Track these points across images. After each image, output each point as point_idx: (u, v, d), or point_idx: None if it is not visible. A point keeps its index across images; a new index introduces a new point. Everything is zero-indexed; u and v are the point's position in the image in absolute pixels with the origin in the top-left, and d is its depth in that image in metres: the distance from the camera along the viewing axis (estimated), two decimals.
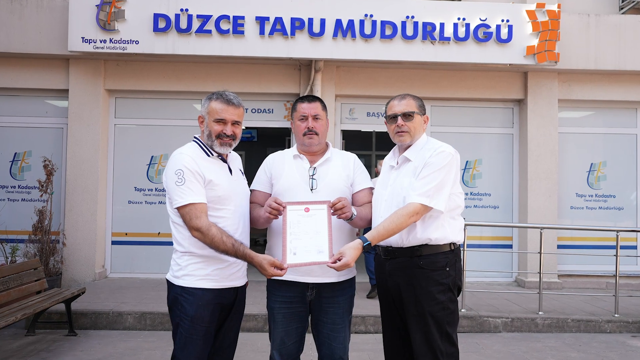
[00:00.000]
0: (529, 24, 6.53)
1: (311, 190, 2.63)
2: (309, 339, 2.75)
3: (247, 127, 9.33)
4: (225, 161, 2.58)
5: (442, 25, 6.45)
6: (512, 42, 6.52)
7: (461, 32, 6.47)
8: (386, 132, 2.80)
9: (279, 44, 6.39)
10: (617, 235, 5.70)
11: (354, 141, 9.04)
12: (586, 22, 6.99)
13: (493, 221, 7.23)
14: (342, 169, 2.73)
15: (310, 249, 2.41)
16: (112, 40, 6.31)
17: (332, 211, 2.47)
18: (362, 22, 6.40)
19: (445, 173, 2.50)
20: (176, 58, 6.74)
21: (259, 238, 9.18)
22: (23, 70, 6.87)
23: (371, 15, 6.40)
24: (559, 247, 7.14)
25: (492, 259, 7.23)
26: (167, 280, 2.52)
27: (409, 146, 2.66)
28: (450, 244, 2.56)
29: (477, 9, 6.50)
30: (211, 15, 6.32)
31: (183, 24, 6.32)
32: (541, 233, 5.72)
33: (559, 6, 6.57)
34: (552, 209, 7.07)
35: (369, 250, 2.42)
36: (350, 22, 6.38)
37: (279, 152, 2.86)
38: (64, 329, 5.08)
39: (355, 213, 2.56)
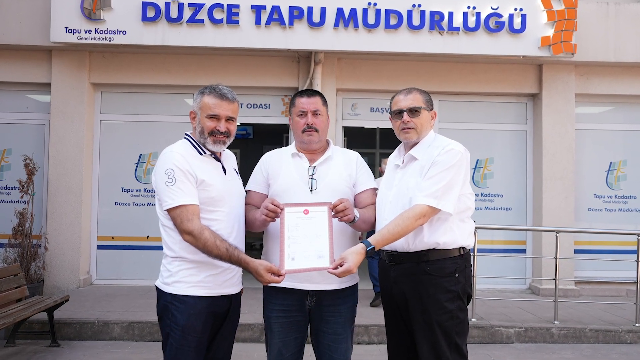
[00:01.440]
0: (544, 13, 6.53)
1: (311, 190, 2.63)
2: (309, 350, 2.75)
3: (242, 124, 9.32)
4: (218, 160, 2.58)
5: (450, 14, 6.45)
6: (526, 33, 6.51)
7: (471, 21, 6.47)
8: (391, 128, 2.80)
9: (276, 35, 6.39)
10: (638, 239, 5.70)
11: (356, 138, 9.03)
12: (605, 11, 6.99)
13: (505, 224, 7.23)
14: (344, 168, 2.73)
15: (309, 254, 2.41)
16: (98, 31, 6.31)
17: (333, 213, 2.47)
18: (365, 11, 6.40)
19: (454, 172, 2.50)
20: (166, 49, 6.74)
21: (255, 242, 9.17)
22: (2, 63, 6.86)
23: (375, 4, 6.41)
24: (576, 251, 7.14)
25: (504, 265, 7.23)
26: (157, 288, 2.52)
27: (416, 144, 2.66)
28: (459, 248, 2.56)
29: None
30: (204, 4, 6.32)
31: (174, 13, 6.32)
32: (557, 237, 5.72)
33: None
34: (569, 211, 7.07)
35: (372, 255, 2.42)
36: (353, 11, 6.38)
37: (276, 150, 2.86)
38: (46, 339, 5.08)
39: (358, 215, 2.55)
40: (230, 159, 2.69)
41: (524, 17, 6.50)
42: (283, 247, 2.41)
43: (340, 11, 6.38)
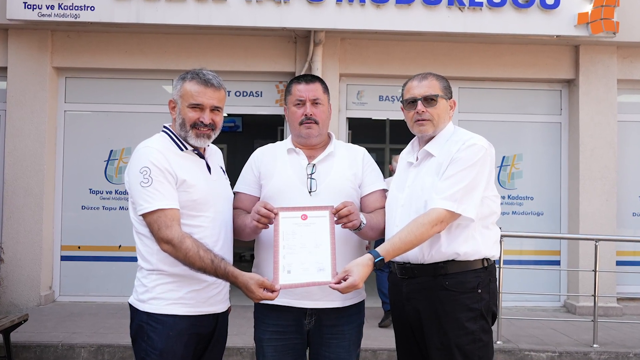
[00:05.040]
0: None
1: (309, 192, 2.64)
2: None
3: (229, 114, 9.33)
4: (202, 157, 2.59)
5: None
6: (560, 8, 6.51)
7: None
8: (403, 120, 2.80)
9: (269, 11, 6.39)
10: None
11: (362, 132, 9.04)
12: None
13: (536, 231, 7.23)
14: (348, 167, 2.74)
15: (308, 266, 2.41)
16: (62, 6, 6.30)
17: (335, 219, 2.48)
18: None
19: (476, 171, 2.50)
20: (141, 28, 6.74)
21: (245, 252, 9.18)
22: None
23: None
24: (619, 263, 7.14)
25: (535, 279, 7.22)
26: (130, 305, 2.52)
27: (432, 138, 2.67)
28: (482, 259, 2.56)
29: None
30: None
31: None
32: (596, 246, 5.71)
33: None
34: (610, 216, 7.07)
35: (381, 267, 2.42)
36: None
37: (270, 146, 2.88)
38: None
39: (365, 221, 2.56)
40: (215, 155, 2.70)
41: None
42: (277, 258, 2.41)
43: None
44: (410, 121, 2.69)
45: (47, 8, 6.31)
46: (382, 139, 11.63)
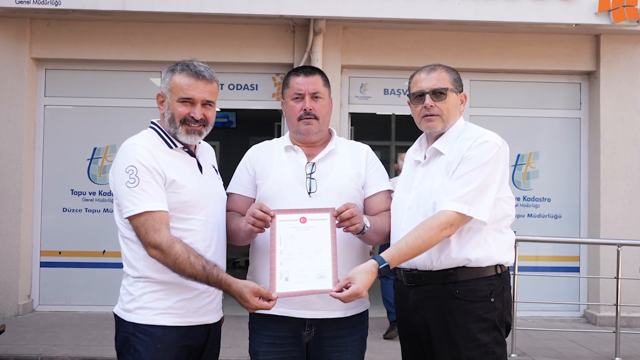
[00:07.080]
0: None
1: (309, 193, 2.64)
2: None
3: (222, 109, 9.34)
4: (193, 155, 2.59)
5: None
6: None
7: None
8: (409, 115, 2.81)
9: None
10: None
11: (366, 128, 9.05)
12: None
13: (554, 235, 7.23)
14: (351, 166, 2.74)
15: (307, 273, 2.41)
16: None
17: (337, 222, 2.48)
18: None
19: (489, 171, 2.50)
20: (128, 16, 6.74)
21: (239, 258, 9.20)
22: None
23: None
24: None
25: (552, 287, 7.23)
26: (116, 315, 2.52)
27: (441, 134, 2.66)
28: (496, 266, 2.56)
29: None
30: None
31: None
32: (618, 251, 5.71)
33: None
34: (633, 219, 7.07)
35: (386, 274, 2.42)
36: None
37: (266, 143, 2.87)
38: None
39: (368, 225, 2.56)
40: (207, 153, 2.70)
41: None
42: (274, 265, 2.41)
43: None
44: (418, 116, 2.69)
45: None
46: (387, 136, 11.64)
